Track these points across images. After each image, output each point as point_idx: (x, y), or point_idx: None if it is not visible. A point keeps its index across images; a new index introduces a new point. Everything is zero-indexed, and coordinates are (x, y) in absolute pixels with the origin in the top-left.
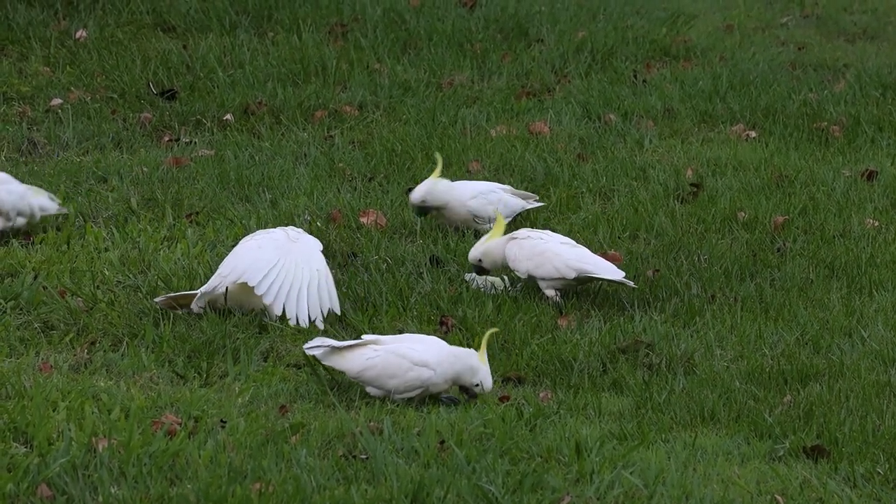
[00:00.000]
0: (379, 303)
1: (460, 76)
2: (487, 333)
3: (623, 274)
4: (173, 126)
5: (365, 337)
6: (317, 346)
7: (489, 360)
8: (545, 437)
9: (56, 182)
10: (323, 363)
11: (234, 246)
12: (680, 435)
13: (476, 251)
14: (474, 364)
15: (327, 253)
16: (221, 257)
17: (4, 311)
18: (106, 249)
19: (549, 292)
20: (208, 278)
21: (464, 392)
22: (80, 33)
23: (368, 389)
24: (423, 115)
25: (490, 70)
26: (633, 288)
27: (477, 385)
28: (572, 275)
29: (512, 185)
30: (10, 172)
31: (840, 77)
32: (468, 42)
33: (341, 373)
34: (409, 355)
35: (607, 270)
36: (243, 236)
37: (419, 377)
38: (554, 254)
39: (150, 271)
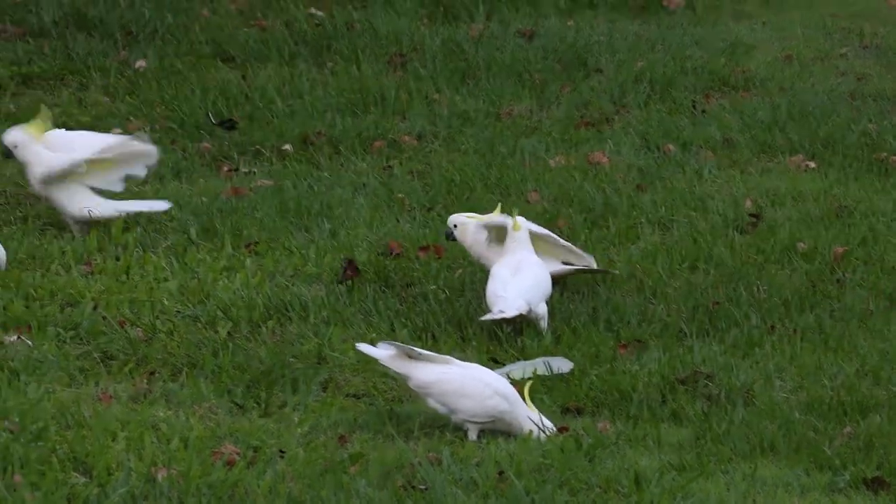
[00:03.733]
0: (438, 333)
1: (519, 106)
2: (527, 385)
3: None
4: (232, 156)
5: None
6: (384, 348)
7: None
8: (604, 468)
9: None
10: (384, 363)
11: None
12: (739, 466)
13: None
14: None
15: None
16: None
17: (64, 341)
18: (165, 279)
19: None
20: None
21: None
22: (140, 63)
23: (430, 402)
24: (482, 146)
25: (549, 100)
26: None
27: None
28: None
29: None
30: None
31: None
32: (527, 72)
33: (403, 377)
34: (492, 383)
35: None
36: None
37: (497, 407)
38: None
39: (209, 301)
